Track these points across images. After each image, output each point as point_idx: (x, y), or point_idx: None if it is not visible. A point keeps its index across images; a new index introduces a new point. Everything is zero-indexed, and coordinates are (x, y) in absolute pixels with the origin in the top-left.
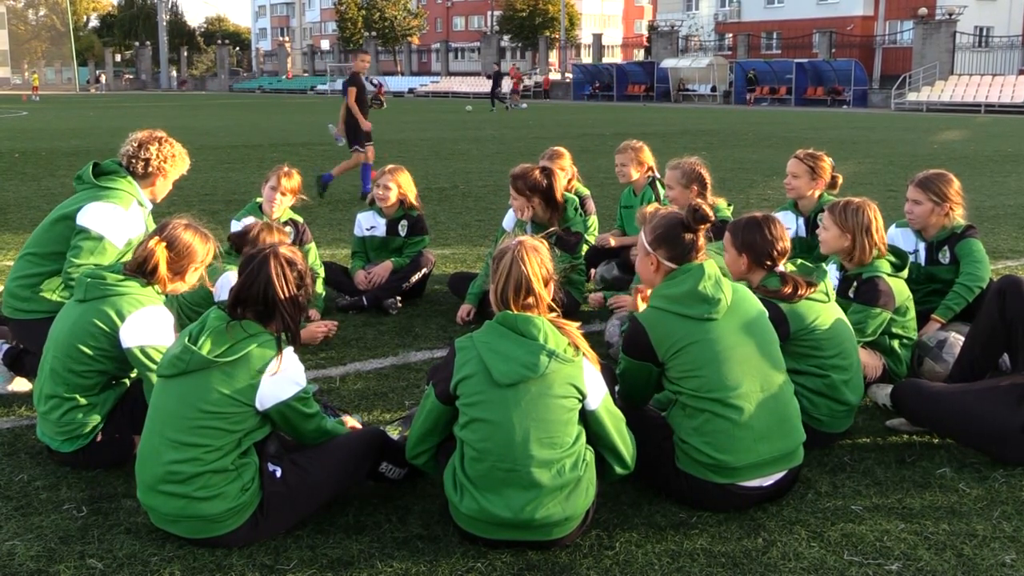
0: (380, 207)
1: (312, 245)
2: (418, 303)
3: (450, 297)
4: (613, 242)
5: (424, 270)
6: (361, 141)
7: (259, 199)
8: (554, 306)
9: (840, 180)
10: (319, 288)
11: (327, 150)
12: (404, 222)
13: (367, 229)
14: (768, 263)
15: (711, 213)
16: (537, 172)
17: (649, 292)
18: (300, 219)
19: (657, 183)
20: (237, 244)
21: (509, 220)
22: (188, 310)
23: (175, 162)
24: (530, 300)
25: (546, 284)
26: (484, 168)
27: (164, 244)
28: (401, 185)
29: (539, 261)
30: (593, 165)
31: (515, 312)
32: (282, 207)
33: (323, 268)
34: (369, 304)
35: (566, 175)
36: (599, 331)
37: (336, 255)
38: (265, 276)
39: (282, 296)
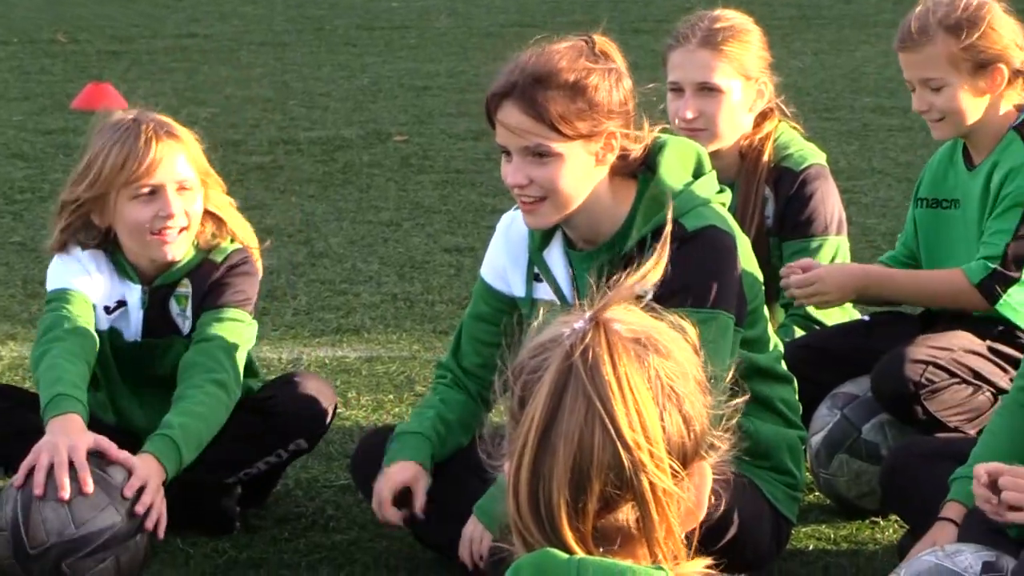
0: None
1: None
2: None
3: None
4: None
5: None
6: None
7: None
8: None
9: None
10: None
11: None
12: (184, 288)
13: (108, 308)
14: None
15: None
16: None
17: None
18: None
19: None
20: None
21: (503, 249)
22: None
23: None
24: (621, 515)
25: (686, 458)
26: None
27: None
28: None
29: (654, 383)
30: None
31: (579, 557)
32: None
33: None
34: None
35: (761, 92)
36: None
37: None
38: None
39: None
